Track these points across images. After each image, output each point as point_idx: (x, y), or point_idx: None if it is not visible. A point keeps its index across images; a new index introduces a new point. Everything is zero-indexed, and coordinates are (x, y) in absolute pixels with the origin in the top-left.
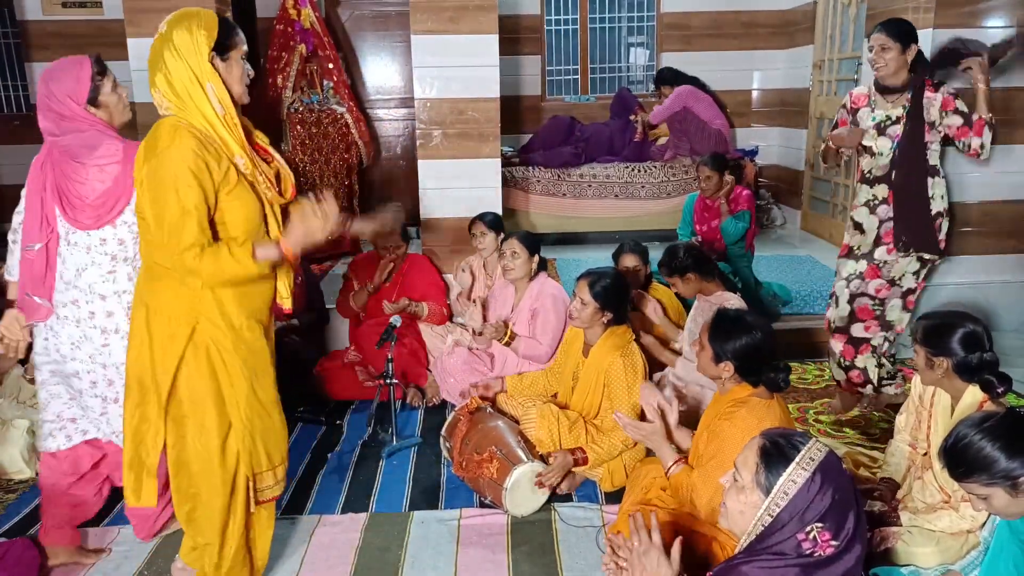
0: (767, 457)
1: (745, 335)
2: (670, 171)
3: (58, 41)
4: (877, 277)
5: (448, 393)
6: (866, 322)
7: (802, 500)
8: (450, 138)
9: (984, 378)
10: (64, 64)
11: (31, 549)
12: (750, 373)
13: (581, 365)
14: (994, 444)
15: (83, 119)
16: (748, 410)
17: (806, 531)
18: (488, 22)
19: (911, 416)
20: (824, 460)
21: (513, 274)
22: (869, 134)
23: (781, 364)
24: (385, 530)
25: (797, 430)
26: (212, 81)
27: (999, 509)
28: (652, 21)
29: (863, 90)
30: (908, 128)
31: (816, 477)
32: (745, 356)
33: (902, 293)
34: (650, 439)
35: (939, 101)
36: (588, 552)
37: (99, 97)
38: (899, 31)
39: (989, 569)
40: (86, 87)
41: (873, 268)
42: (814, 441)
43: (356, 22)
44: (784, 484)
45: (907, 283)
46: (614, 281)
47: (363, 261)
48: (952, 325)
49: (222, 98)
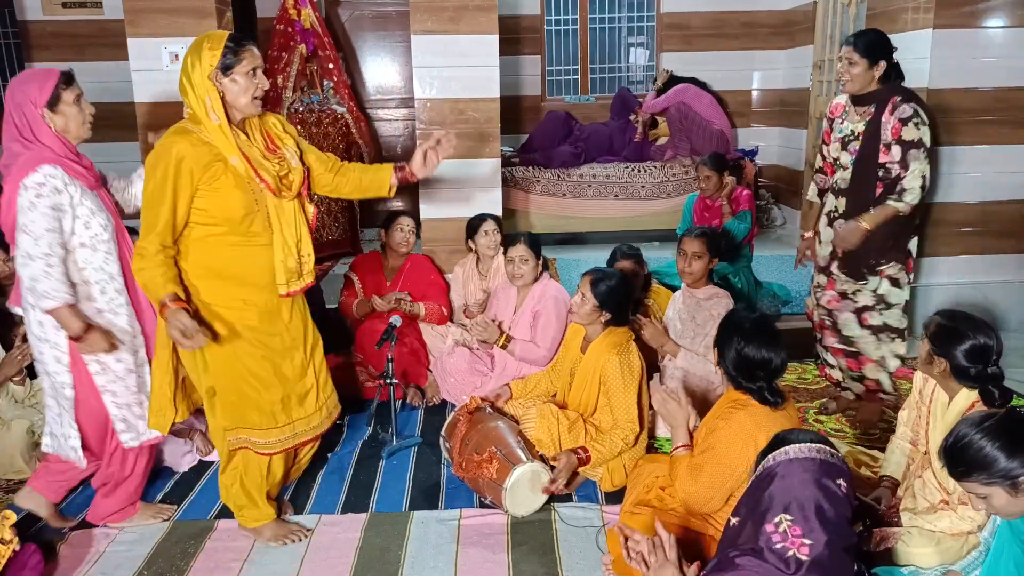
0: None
1: (736, 340)
2: (670, 171)
3: (58, 41)
4: (832, 289)
5: (448, 393)
6: (824, 332)
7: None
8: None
9: (986, 388)
10: (35, 71)
11: (36, 554)
12: (734, 377)
13: (579, 361)
14: (994, 443)
15: (28, 140)
16: (747, 414)
17: (774, 522)
18: (488, 22)
19: (912, 411)
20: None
21: (523, 280)
22: (835, 146)
23: (774, 384)
24: (385, 530)
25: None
26: (210, 95)
27: (999, 509)
28: (652, 21)
29: (841, 100)
30: (861, 147)
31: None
32: (731, 360)
33: (855, 308)
34: (674, 416)
35: (891, 125)
36: (588, 552)
37: (59, 104)
38: (867, 45)
39: (990, 570)
40: (48, 92)
41: (831, 280)
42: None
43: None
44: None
45: (862, 300)
46: (617, 283)
47: (364, 261)
48: (963, 333)
49: (217, 109)
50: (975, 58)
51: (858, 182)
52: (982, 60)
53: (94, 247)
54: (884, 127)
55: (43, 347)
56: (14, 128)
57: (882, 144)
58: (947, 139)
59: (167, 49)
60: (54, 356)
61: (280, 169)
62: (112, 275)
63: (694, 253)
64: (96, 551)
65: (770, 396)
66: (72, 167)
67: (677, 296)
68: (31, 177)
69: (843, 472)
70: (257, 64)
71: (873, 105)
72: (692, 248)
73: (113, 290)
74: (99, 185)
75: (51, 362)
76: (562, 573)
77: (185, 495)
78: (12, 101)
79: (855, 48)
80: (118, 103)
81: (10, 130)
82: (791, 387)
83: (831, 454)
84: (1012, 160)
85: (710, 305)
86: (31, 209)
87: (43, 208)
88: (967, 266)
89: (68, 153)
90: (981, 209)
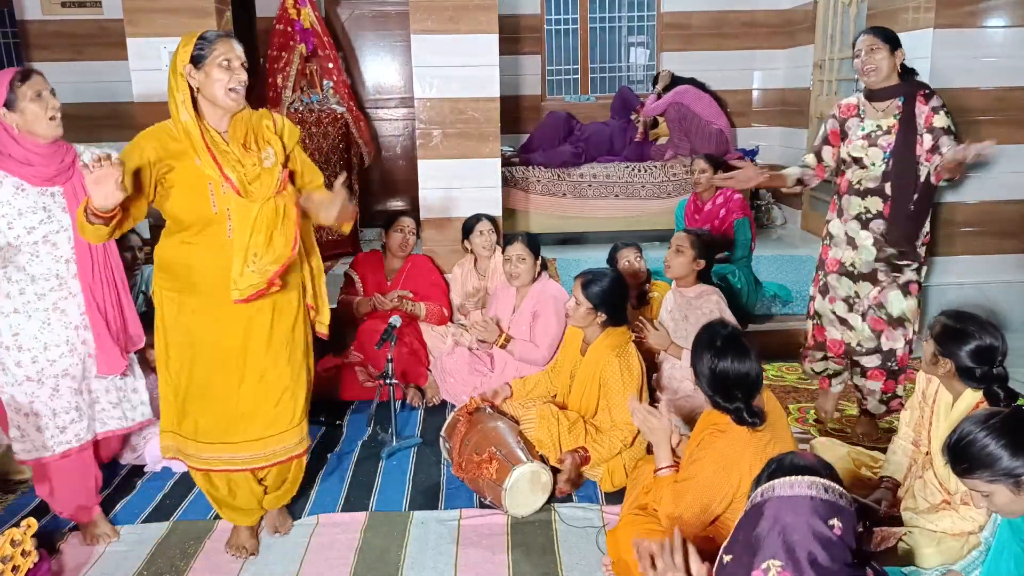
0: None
1: (708, 357)
2: (670, 171)
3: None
4: (876, 288)
5: (448, 393)
6: (885, 331)
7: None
8: (450, 138)
9: (991, 389)
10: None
11: (46, 561)
12: (710, 394)
13: (578, 364)
14: (998, 442)
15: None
16: (727, 441)
17: (762, 568)
18: (488, 22)
19: (915, 412)
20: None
21: (520, 280)
22: (857, 145)
23: (737, 404)
24: (385, 530)
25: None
26: (181, 91)
27: (1001, 507)
28: (652, 21)
29: (852, 100)
30: (901, 137)
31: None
32: (704, 377)
33: (898, 284)
34: (655, 433)
35: (924, 114)
36: (588, 552)
37: (17, 102)
38: (886, 34)
39: (991, 569)
40: (2, 94)
41: (879, 285)
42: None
43: (356, 22)
44: None
45: (902, 277)
46: (610, 282)
47: (365, 260)
48: (968, 334)
49: (187, 104)
50: (976, 58)
51: (899, 175)
52: (983, 60)
53: (19, 247)
54: (920, 115)
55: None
56: None
57: (917, 135)
58: None
59: (166, 49)
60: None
61: (251, 171)
62: (34, 277)
63: (677, 247)
64: (96, 551)
65: (748, 417)
66: (14, 168)
67: (668, 297)
68: None
69: (838, 510)
70: (232, 56)
71: (899, 99)
72: (676, 241)
73: (33, 293)
74: (63, 178)
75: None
76: (562, 573)
77: (185, 495)
78: None
79: (875, 35)
80: (117, 103)
81: None
82: (792, 387)
83: (825, 488)
84: (1013, 160)
85: (700, 304)
86: None
87: None
88: (968, 266)
89: (27, 155)
90: (982, 209)
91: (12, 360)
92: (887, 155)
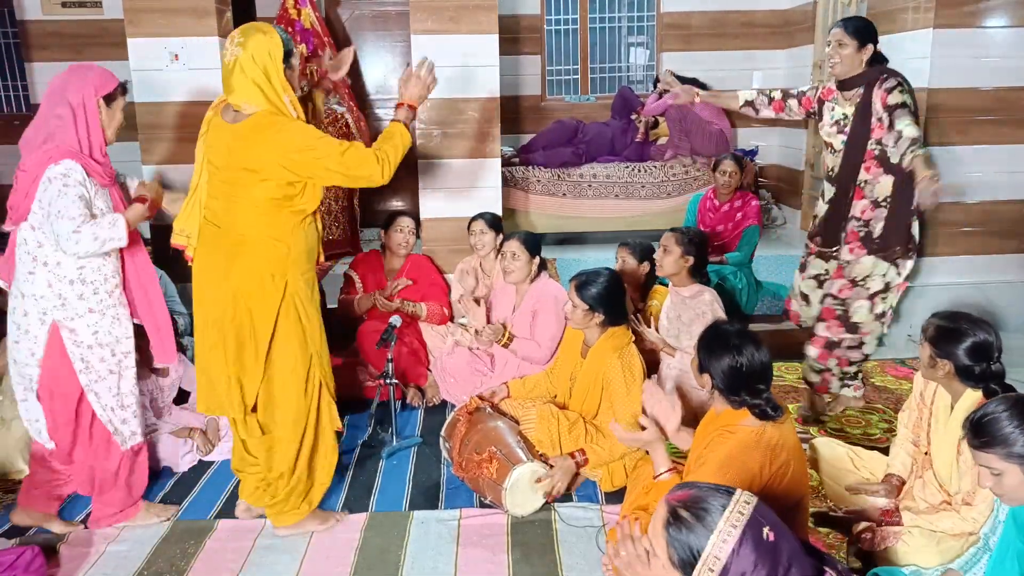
0: (676, 531)
1: (728, 356)
2: (670, 171)
3: (58, 41)
4: (840, 277)
5: (448, 393)
6: (828, 322)
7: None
8: (450, 138)
9: (989, 387)
10: (99, 68)
11: (39, 557)
12: (732, 393)
13: (579, 366)
14: (1021, 425)
15: (71, 120)
16: (737, 443)
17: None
18: (488, 22)
19: (913, 413)
20: (752, 515)
21: (514, 276)
22: (827, 131)
23: (766, 394)
24: (385, 530)
25: (707, 489)
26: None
27: (1009, 489)
28: (652, 21)
29: (833, 84)
30: (851, 128)
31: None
32: (726, 376)
33: (868, 295)
34: (649, 444)
35: (879, 98)
36: (588, 552)
37: (113, 103)
38: (856, 29)
39: (995, 568)
40: (112, 86)
41: (839, 267)
42: (735, 497)
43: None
44: (708, 560)
45: (874, 285)
46: (605, 283)
47: (364, 259)
48: (963, 332)
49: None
50: (975, 58)
51: (845, 162)
52: (982, 60)
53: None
54: (873, 104)
55: (20, 336)
56: (68, 109)
57: (874, 120)
58: (947, 139)
59: (167, 49)
60: (29, 349)
61: None
62: (107, 276)
63: (664, 245)
64: (96, 551)
65: (772, 411)
66: (91, 164)
67: (667, 300)
68: (52, 169)
69: (756, 519)
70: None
71: (861, 88)
72: (663, 241)
73: (105, 291)
74: (112, 183)
75: (24, 353)
76: (562, 573)
77: (185, 495)
78: (71, 83)
79: (845, 30)
80: None
81: (55, 108)
82: (791, 387)
83: (739, 511)
84: (1012, 160)
85: (694, 303)
86: (61, 196)
87: (72, 196)
88: (968, 266)
89: (92, 149)
90: (981, 209)
91: (96, 357)
92: (843, 142)
